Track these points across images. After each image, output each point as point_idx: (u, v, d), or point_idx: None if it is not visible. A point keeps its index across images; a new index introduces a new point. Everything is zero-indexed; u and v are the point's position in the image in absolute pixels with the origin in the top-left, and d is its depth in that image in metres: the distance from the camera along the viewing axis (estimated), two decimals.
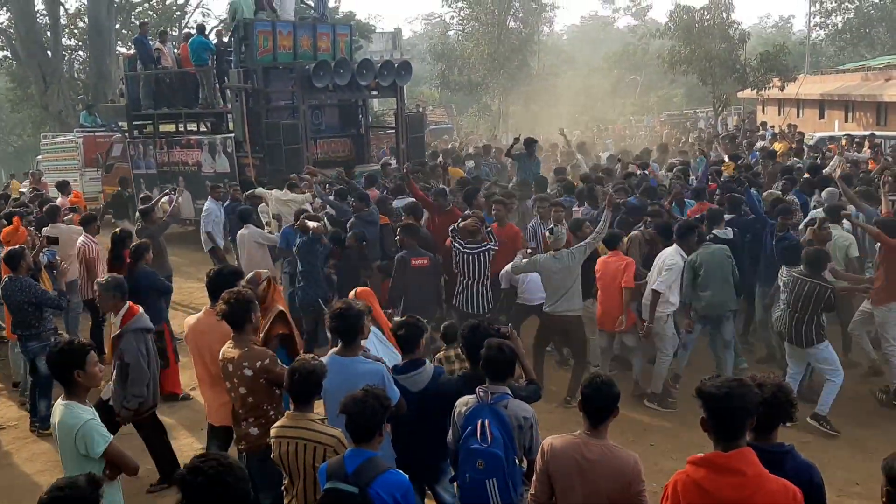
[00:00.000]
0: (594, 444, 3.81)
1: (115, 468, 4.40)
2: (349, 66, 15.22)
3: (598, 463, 3.76)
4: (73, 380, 4.34)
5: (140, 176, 17.37)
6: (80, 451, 4.23)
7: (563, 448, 3.85)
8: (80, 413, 4.31)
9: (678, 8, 30.84)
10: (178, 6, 41.09)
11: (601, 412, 3.83)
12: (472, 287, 8.15)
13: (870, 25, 52.21)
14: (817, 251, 7.29)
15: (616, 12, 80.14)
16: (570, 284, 7.61)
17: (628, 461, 3.78)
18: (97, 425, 4.31)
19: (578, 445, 3.83)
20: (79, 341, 4.52)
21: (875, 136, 19.50)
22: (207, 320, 5.51)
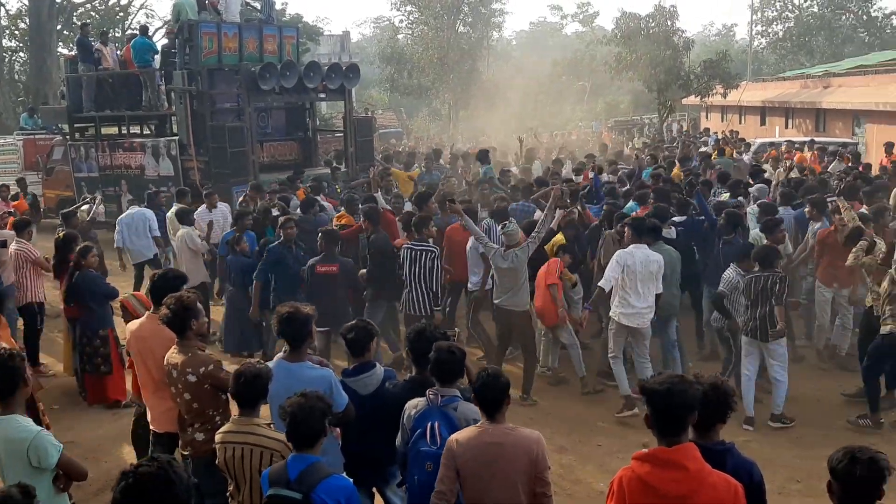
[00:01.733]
0: (497, 429, 3.92)
1: (66, 478, 4.30)
2: (296, 68, 15.09)
3: (504, 444, 3.87)
4: (13, 392, 4.21)
5: (81, 179, 16.96)
6: (32, 464, 4.10)
7: (468, 439, 3.93)
8: (27, 426, 4.19)
9: (624, 15, 31.33)
10: (120, 7, 40.32)
11: (494, 403, 3.94)
12: (416, 289, 8.21)
13: (809, 34, 53.81)
14: (767, 248, 7.59)
15: (564, 19, 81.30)
16: (518, 282, 7.72)
17: (532, 437, 3.90)
18: (47, 436, 4.20)
19: (482, 434, 3.92)
20: (15, 354, 4.37)
21: (815, 142, 20.07)
22: (150, 325, 5.40)
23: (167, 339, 5.07)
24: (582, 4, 75.15)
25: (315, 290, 8.12)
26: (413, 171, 15.26)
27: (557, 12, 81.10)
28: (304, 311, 4.84)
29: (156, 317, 5.27)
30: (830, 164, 15.46)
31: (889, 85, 24.56)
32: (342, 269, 8.23)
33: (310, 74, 15.20)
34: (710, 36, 77.70)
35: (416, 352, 4.75)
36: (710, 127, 31.13)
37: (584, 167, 14.42)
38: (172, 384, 4.94)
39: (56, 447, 4.19)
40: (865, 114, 24.80)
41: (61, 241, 8.63)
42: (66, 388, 8.70)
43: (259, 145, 15.51)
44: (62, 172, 18.00)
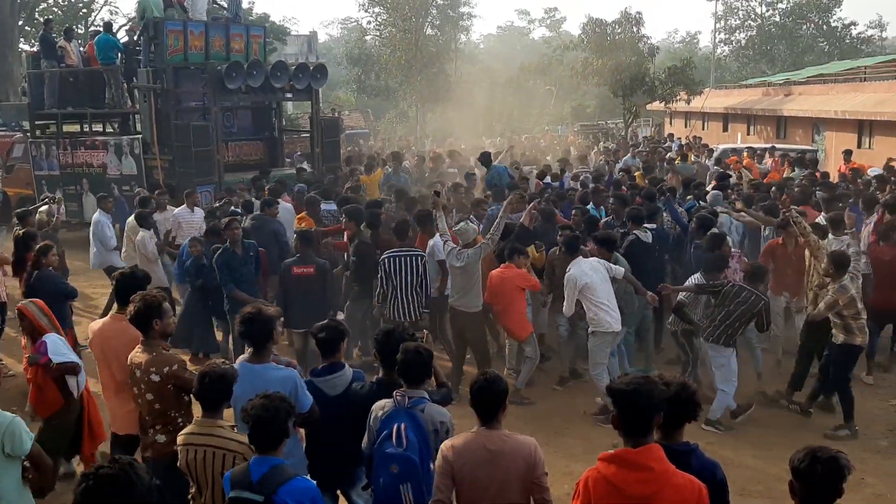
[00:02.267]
0: (493, 435, 3.91)
1: (34, 470, 4.26)
2: (263, 67, 15.00)
3: (501, 452, 3.86)
4: None
5: (42, 177, 16.64)
6: (5, 451, 4.05)
7: (466, 445, 3.92)
8: (3, 413, 4.15)
9: (591, 21, 31.61)
10: (84, 3, 39.70)
11: (491, 408, 3.93)
12: (403, 294, 8.14)
13: (771, 43, 54.82)
14: (760, 265, 7.73)
15: (531, 23, 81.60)
16: (470, 282, 7.78)
17: (528, 445, 3.90)
18: (21, 423, 4.15)
19: (479, 439, 3.91)
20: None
21: (776, 148, 20.41)
22: (115, 325, 5.33)
23: (132, 340, 5.00)
24: (549, 10, 76.31)
25: (291, 292, 8.06)
26: (374, 174, 15.24)
27: (525, 17, 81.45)
28: (266, 311, 4.80)
29: (120, 317, 5.22)
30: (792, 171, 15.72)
31: (848, 94, 25.08)
32: (318, 271, 8.17)
33: (277, 74, 15.13)
34: (675, 43, 78.73)
35: (384, 353, 4.72)
36: (673, 133, 31.45)
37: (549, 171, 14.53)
38: (135, 384, 4.88)
39: (29, 435, 4.16)
40: (825, 122, 25.29)
41: (20, 240, 8.46)
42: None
43: (224, 145, 15.40)
44: (22, 170, 17.66)
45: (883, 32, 57.55)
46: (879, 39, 56.62)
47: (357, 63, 43.99)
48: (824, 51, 52.58)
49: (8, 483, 4.13)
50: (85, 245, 12.56)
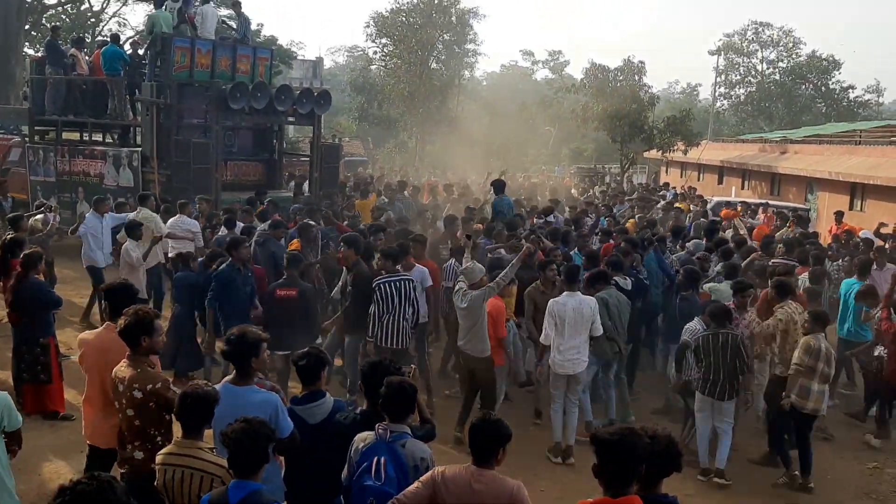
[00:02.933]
0: (483, 475, 3.91)
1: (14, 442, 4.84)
2: (267, 90, 15.10)
3: (484, 492, 3.87)
4: None
5: (37, 183, 16.62)
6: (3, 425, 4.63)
7: (454, 477, 3.93)
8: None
9: (593, 66, 32.03)
10: (93, 13, 39.93)
11: (487, 449, 3.93)
12: (392, 320, 8.06)
13: (770, 100, 55.70)
14: (720, 306, 7.60)
15: (535, 64, 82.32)
16: (475, 325, 7.62)
17: (511, 487, 3.90)
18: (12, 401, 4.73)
19: (467, 475, 3.92)
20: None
21: (769, 204, 20.60)
22: (109, 335, 5.25)
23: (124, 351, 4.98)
24: (553, 52, 77.11)
25: (274, 314, 8.04)
26: (369, 199, 15.31)
27: (529, 58, 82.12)
28: (252, 334, 4.79)
29: (113, 326, 5.20)
30: (779, 228, 15.83)
31: (842, 156, 25.37)
32: (301, 294, 8.14)
33: (281, 97, 15.23)
34: (675, 93, 79.70)
35: (369, 385, 4.69)
36: (669, 181, 31.74)
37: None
38: (117, 398, 4.86)
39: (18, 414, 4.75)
40: (818, 182, 25.54)
41: (7, 245, 8.42)
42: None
43: (223, 163, 15.43)
44: (17, 174, 17.61)
45: (880, 97, 58.63)
46: (876, 104, 57.55)
47: (361, 91, 44.40)
48: (821, 112, 53.42)
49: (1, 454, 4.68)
50: (76, 253, 12.52)
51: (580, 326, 7.58)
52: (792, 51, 56.88)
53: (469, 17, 45.77)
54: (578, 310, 7.59)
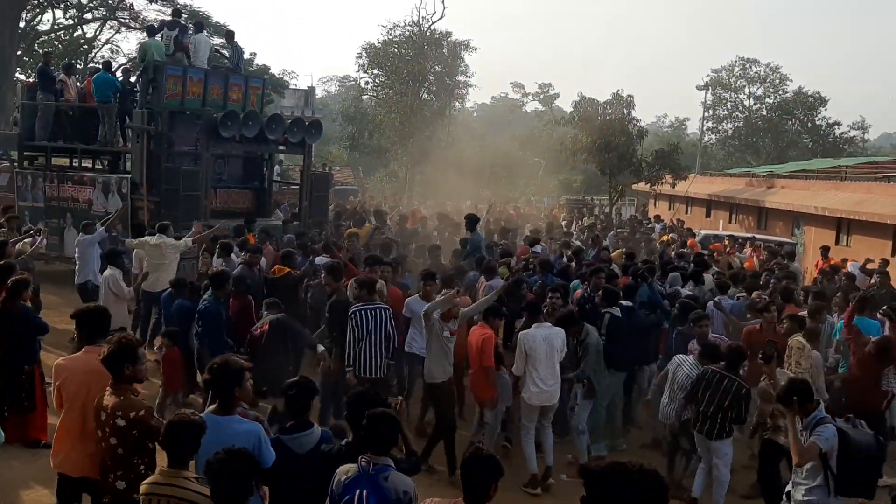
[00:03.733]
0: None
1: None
2: (259, 118, 15.16)
3: None
4: None
5: (25, 208, 16.54)
6: None
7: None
8: None
9: (583, 100, 32.34)
10: (86, 40, 40.11)
11: (480, 484, 3.88)
12: (367, 347, 7.97)
13: (757, 135, 56.36)
14: (738, 348, 7.41)
15: (525, 97, 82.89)
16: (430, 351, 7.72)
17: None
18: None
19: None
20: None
21: (756, 238, 20.74)
22: (94, 358, 5.14)
23: (104, 373, 4.95)
24: (543, 85, 77.60)
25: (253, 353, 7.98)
26: (364, 228, 15.33)
27: (519, 90, 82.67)
28: (234, 363, 4.77)
29: (93, 349, 5.19)
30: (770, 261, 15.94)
31: (828, 191, 25.62)
32: (272, 327, 8.06)
33: (272, 126, 15.29)
34: (663, 127, 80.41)
35: (354, 416, 4.66)
36: (659, 214, 31.91)
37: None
38: (100, 427, 4.83)
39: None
40: (805, 216, 25.75)
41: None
42: None
43: (213, 191, 15.43)
44: (5, 199, 17.54)
45: (865, 134, 59.31)
46: (861, 141, 58.22)
47: (352, 121, 44.63)
48: (808, 147, 54.00)
49: None
50: (63, 279, 12.48)
51: (552, 357, 7.64)
52: (779, 87, 57.65)
53: (460, 50, 46.19)
54: (549, 340, 7.65)
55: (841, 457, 5.63)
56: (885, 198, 21.83)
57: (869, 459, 5.76)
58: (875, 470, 5.86)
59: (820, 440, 5.57)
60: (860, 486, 5.77)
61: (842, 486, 5.66)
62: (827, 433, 5.61)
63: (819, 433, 5.59)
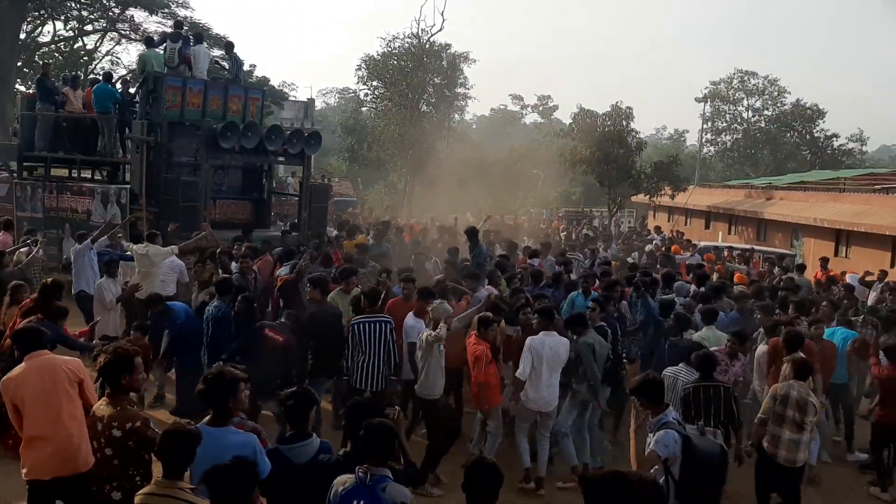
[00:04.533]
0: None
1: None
2: (258, 130, 15.20)
3: None
4: None
5: (24, 218, 16.56)
6: None
7: None
8: None
9: (582, 112, 32.39)
10: (86, 52, 40.23)
11: (485, 492, 3.89)
12: (368, 361, 7.97)
13: (755, 147, 56.54)
14: (705, 353, 7.34)
15: (524, 109, 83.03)
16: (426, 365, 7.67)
17: None
18: None
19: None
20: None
21: (755, 250, 20.76)
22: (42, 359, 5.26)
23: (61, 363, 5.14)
24: (542, 97, 77.80)
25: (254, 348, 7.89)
26: (358, 239, 15.31)
27: (518, 102, 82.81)
28: (229, 373, 4.75)
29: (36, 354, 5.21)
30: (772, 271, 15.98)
31: (827, 203, 25.68)
32: (288, 342, 7.98)
33: (271, 137, 15.33)
34: (662, 139, 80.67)
35: (352, 426, 4.66)
36: (659, 226, 31.90)
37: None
38: (95, 437, 4.81)
39: None
40: (804, 228, 25.80)
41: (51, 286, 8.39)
42: None
43: (212, 202, 15.46)
44: (4, 210, 17.57)
45: (863, 146, 59.50)
46: (860, 153, 58.42)
47: (351, 133, 44.68)
48: (806, 159, 54.18)
49: None
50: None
51: (555, 365, 7.74)
52: (777, 99, 57.92)
53: (460, 62, 46.33)
54: (555, 349, 7.73)
55: (684, 465, 5.44)
56: (883, 209, 21.89)
57: (712, 468, 5.54)
58: (718, 480, 5.66)
59: (659, 447, 5.39)
60: (702, 495, 5.54)
61: (682, 493, 5.42)
62: (667, 439, 5.40)
63: (659, 440, 5.42)
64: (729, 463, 5.91)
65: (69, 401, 5.15)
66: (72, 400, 5.17)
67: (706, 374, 7.12)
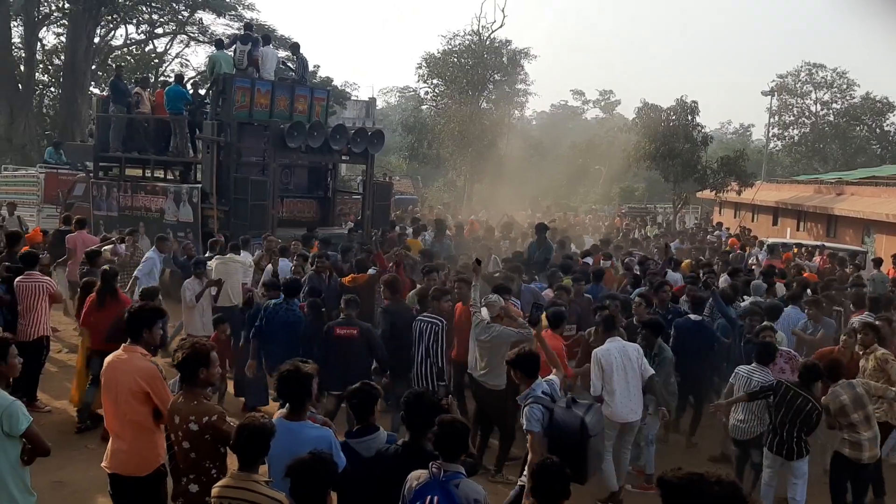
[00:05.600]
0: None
1: (31, 452, 4.80)
2: (323, 129, 15.41)
3: None
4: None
5: (100, 217, 17.14)
6: (3, 429, 4.59)
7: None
8: (6, 396, 4.72)
9: (645, 106, 31.85)
10: (157, 54, 41.32)
11: (552, 495, 3.88)
12: (423, 362, 8.08)
13: (824, 141, 54.81)
14: (814, 366, 7.11)
15: (586, 104, 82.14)
16: (496, 360, 7.55)
17: None
18: (22, 406, 4.69)
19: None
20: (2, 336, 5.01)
21: (825, 246, 20.18)
22: (121, 355, 5.30)
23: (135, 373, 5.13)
24: (604, 92, 76.86)
25: (333, 353, 8.01)
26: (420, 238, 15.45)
27: (580, 97, 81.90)
28: (304, 369, 4.83)
29: (130, 348, 5.29)
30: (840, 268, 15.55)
31: None
32: (363, 334, 8.08)
33: (336, 136, 15.53)
34: (728, 133, 78.89)
35: (411, 416, 4.71)
36: (722, 222, 31.24)
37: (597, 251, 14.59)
38: (172, 431, 4.92)
39: (27, 417, 4.70)
40: (875, 224, 24.95)
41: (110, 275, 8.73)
42: (60, 424, 8.61)
43: (280, 200, 15.72)
44: (81, 209, 18.17)
45: None
46: None
47: (411, 131, 44.89)
48: (876, 153, 52.37)
49: (7, 460, 4.68)
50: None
51: (629, 371, 7.35)
52: (846, 92, 55.99)
53: (520, 58, 46.15)
54: (624, 353, 7.39)
55: (547, 437, 5.52)
56: None
57: (568, 441, 5.51)
58: (576, 454, 5.50)
59: (532, 424, 5.56)
60: None
61: None
62: (534, 414, 5.56)
63: (529, 417, 5.58)
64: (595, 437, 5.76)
65: (133, 405, 5.19)
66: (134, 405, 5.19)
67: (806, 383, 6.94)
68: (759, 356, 7.49)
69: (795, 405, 6.81)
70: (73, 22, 31.42)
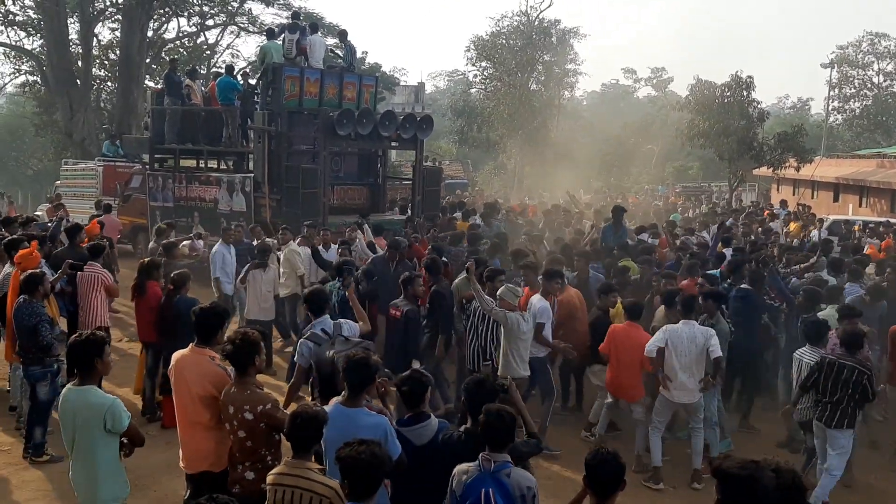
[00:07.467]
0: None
1: (130, 445, 5.03)
2: (372, 116, 15.42)
3: None
4: (93, 367, 4.89)
5: (157, 208, 17.51)
6: (106, 427, 4.78)
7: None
8: (105, 394, 4.93)
9: (699, 83, 31.15)
10: (208, 46, 41.88)
11: (608, 485, 3.82)
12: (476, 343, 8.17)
13: (887, 114, 52.90)
14: (854, 332, 7.08)
15: (637, 82, 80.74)
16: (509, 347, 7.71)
17: None
18: (121, 404, 4.88)
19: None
20: (98, 334, 5.01)
21: (890, 222, 19.52)
22: (191, 357, 5.36)
23: (204, 374, 5.20)
24: (656, 69, 75.40)
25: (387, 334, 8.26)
26: (470, 222, 15.39)
27: (631, 75, 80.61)
28: (374, 359, 4.88)
29: (199, 350, 5.36)
30: None
31: None
32: (405, 315, 8.12)
33: (385, 123, 15.52)
34: (785, 109, 76.81)
35: (472, 403, 4.70)
36: (784, 199, 30.42)
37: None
38: (227, 420, 4.99)
39: (127, 414, 4.89)
40: None
41: (143, 267, 8.85)
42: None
43: (331, 188, 15.81)
44: (138, 200, 18.58)
45: None
46: None
47: (461, 115, 44.79)
48: None
49: (106, 455, 4.86)
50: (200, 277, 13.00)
51: (693, 355, 7.35)
52: None
53: (569, 37, 45.58)
54: (693, 338, 7.38)
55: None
56: None
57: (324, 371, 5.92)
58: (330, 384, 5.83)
59: (299, 357, 6.25)
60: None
61: None
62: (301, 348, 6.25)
63: (298, 350, 6.31)
64: None
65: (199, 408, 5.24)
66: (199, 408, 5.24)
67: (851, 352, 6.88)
68: (809, 337, 7.40)
69: (842, 378, 6.75)
70: (126, 16, 31.94)
